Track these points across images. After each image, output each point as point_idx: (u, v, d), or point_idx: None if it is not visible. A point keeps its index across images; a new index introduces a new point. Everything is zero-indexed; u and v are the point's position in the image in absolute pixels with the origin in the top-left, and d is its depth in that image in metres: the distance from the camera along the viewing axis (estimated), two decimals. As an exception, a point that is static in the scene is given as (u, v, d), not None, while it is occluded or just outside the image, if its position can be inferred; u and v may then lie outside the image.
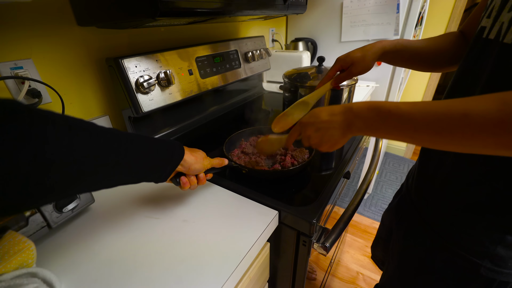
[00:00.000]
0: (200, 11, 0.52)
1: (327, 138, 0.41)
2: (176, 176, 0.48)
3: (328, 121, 0.41)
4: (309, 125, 0.44)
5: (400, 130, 0.33)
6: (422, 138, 0.32)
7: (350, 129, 0.39)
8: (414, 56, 0.58)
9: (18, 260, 0.36)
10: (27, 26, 0.55)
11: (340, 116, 0.39)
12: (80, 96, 0.68)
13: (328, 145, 0.43)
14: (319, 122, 0.42)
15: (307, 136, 0.44)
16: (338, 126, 0.40)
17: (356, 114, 0.37)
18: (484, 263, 0.40)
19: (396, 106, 0.33)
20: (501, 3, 0.34)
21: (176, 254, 0.43)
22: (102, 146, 0.32)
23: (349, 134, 0.40)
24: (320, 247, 0.51)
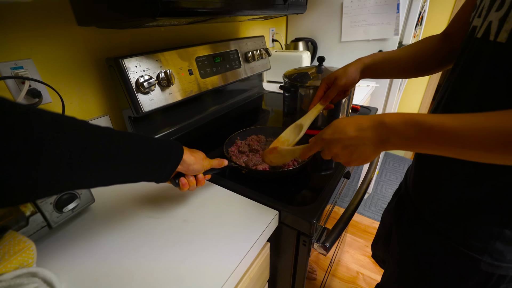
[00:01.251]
0: (200, 11, 0.52)
1: (357, 156, 0.38)
2: (175, 177, 0.48)
3: (358, 137, 0.37)
4: (335, 142, 0.40)
5: (444, 147, 0.31)
6: (470, 154, 0.30)
7: (384, 145, 0.36)
8: (395, 67, 0.59)
9: (18, 260, 0.36)
10: (27, 26, 0.55)
11: (371, 132, 0.36)
12: (80, 96, 0.68)
13: (358, 162, 0.40)
14: (346, 139, 0.38)
15: (333, 153, 0.41)
16: (369, 143, 0.37)
17: (391, 129, 0.34)
18: (484, 258, 0.40)
19: (439, 121, 0.30)
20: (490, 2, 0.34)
21: (176, 254, 0.43)
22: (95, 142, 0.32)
23: (382, 150, 0.37)
24: (320, 247, 0.51)
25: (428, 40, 0.58)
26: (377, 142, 0.36)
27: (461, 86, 0.40)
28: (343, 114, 0.86)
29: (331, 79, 0.62)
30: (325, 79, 0.63)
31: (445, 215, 0.44)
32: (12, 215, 0.40)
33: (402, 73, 0.61)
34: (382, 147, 0.37)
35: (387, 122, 0.35)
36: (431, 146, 0.32)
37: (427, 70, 0.58)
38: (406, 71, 0.60)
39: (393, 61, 0.59)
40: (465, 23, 0.49)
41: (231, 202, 0.55)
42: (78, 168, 0.30)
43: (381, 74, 0.62)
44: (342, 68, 0.61)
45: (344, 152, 0.39)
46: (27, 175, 0.26)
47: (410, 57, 0.58)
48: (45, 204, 0.43)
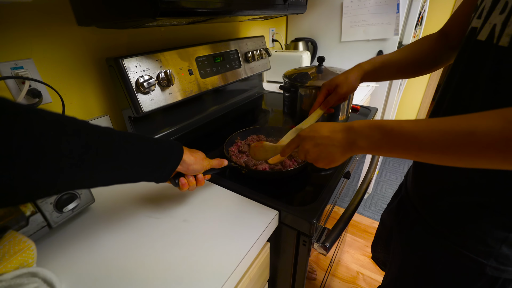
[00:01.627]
0: (200, 11, 0.52)
1: (325, 155, 0.41)
2: (175, 177, 0.48)
3: (329, 137, 0.40)
4: (308, 139, 0.42)
5: (404, 149, 0.33)
6: (428, 156, 0.31)
7: (351, 147, 0.38)
8: (394, 70, 0.61)
9: (19, 260, 0.36)
10: (27, 26, 0.55)
11: (342, 134, 0.39)
12: (80, 96, 0.68)
13: (325, 162, 0.42)
14: (319, 137, 0.41)
15: (304, 149, 0.43)
16: (338, 144, 0.39)
17: (358, 132, 0.37)
18: (490, 263, 0.39)
19: (398, 124, 0.33)
20: (492, 3, 0.34)
21: (176, 254, 0.43)
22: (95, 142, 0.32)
23: (349, 153, 0.39)
24: (320, 247, 0.51)
25: (425, 40, 0.58)
26: (345, 144, 0.38)
27: (464, 89, 0.39)
28: (343, 114, 0.86)
29: (332, 86, 0.63)
30: (326, 85, 0.64)
31: (447, 218, 0.43)
32: (12, 215, 0.40)
33: (401, 75, 0.63)
34: (349, 150, 0.38)
35: (355, 126, 0.37)
36: (393, 149, 0.34)
37: (425, 69, 0.60)
38: (404, 72, 0.61)
39: (392, 64, 0.60)
40: (463, 22, 0.49)
41: (231, 202, 0.55)
42: (78, 169, 0.31)
43: (380, 77, 0.64)
44: (343, 75, 0.62)
45: (314, 149, 0.42)
46: (28, 175, 0.27)
47: (408, 58, 0.59)
48: (45, 204, 0.43)
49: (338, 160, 0.41)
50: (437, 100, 0.47)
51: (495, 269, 0.39)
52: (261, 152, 0.58)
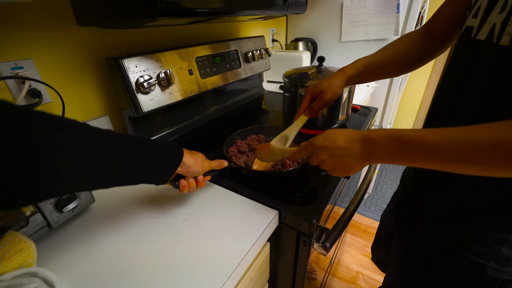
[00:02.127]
0: (200, 11, 0.52)
1: (342, 166, 0.40)
2: (175, 179, 0.48)
3: (346, 148, 0.39)
4: (324, 149, 0.41)
5: (427, 161, 0.32)
6: (453, 167, 0.30)
7: (369, 158, 0.37)
8: (378, 71, 0.61)
9: (19, 260, 0.36)
10: (27, 26, 0.55)
11: (359, 145, 0.38)
12: (80, 96, 0.68)
13: (341, 172, 0.41)
14: (335, 148, 0.40)
15: (320, 159, 0.42)
16: (355, 155, 0.38)
17: (376, 144, 0.36)
18: (490, 264, 0.39)
19: (420, 135, 0.32)
20: (489, 2, 0.34)
21: (176, 254, 0.43)
22: (96, 145, 0.32)
23: (366, 163, 0.38)
24: (320, 247, 0.51)
25: (407, 38, 0.58)
26: (363, 155, 0.38)
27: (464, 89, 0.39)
28: (343, 114, 0.86)
29: (316, 92, 0.62)
30: (310, 90, 0.64)
31: (446, 220, 0.43)
32: (12, 215, 0.40)
33: (385, 75, 0.63)
34: (367, 160, 0.38)
35: (373, 137, 0.36)
36: (415, 160, 0.33)
37: (409, 67, 0.60)
38: (389, 72, 0.61)
39: (375, 66, 0.60)
40: (448, 19, 0.49)
41: (231, 202, 0.55)
42: (78, 171, 0.31)
43: (365, 80, 0.64)
44: (326, 81, 0.61)
45: (330, 160, 0.41)
46: (28, 178, 0.26)
47: (391, 58, 0.59)
48: (45, 204, 0.43)
49: (355, 170, 0.40)
50: (434, 101, 0.46)
51: (495, 270, 0.39)
52: (269, 155, 0.57)
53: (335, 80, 0.60)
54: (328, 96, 0.60)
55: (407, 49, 0.57)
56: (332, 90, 0.60)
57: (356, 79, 0.62)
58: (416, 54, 0.56)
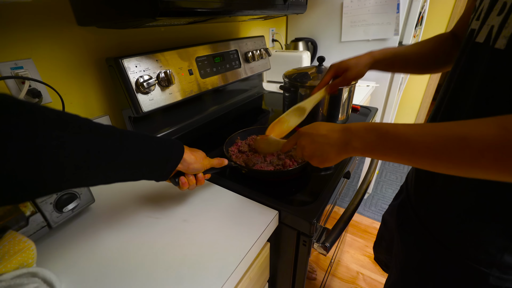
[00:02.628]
0: (200, 11, 0.52)
1: (320, 153, 0.41)
2: (175, 176, 0.48)
3: (325, 136, 0.40)
4: (307, 135, 0.43)
5: (397, 153, 0.32)
6: (420, 161, 0.30)
7: (346, 148, 0.38)
8: (405, 63, 0.60)
9: (18, 260, 0.36)
10: (27, 26, 0.55)
11: (338, 134, 0.39)
12: (80, 96, 0.68)
13: (319, 160, 0.42)
14: (316, 135, 0.41)
15: (301, 145, 0.44)
16: (333, 143, 0.39)
17: (353, 133, 0.37)
18: (493, 272, 0.38)
19: (394, 127, 0.32)
20: (490, 4, 0.33)
21: (176, 254, 0.43)
22: (97, 141, 0.32)
23: (343, 153, 0.39)
24: (320, 247, 0.51)
25: (438, 38, 0.58)
26: (340, 144, 0.38)
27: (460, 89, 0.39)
28: (343, 114, 0.86)
29: (341, 69, 0.61)
30: (335, 66, 0.62)
31: (448, 226, 0.42)
32: (12, 215, 0.40)
33: (409, 69, 0.62)
34: (344, 150, 0.38)
35: (352, 127, 0.38)
36: (386, 152, 0.33)
37: (434, 67, 0.59)
38: (414, 67, 0.61)
39: (403, 57, 0.59)
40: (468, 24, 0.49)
41: (231, 202, 0.55)
42: (80, 167, 0.31)
43: (389, 68, 0.63)
44: (354, 60, 0.60)
45: (310, 146, 0.42)
46: (31, 172, 0.27)
47: (420, 54, 0.58)
48: (45, 204, 0.43)
49: (332, 160, 0.41)
50: (437, 102, 0.47)
51: (497, 278, 0.38)
52: (264, 145, 0.58)
53: (362, 61, 0.60)
54: (353, 75, 0.60)
55: (437, 48, 0.57)
56: (357, 70, 0.59)
57: (381, 65, 0.61)
58: (443, 54, 0.56)
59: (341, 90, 0.80)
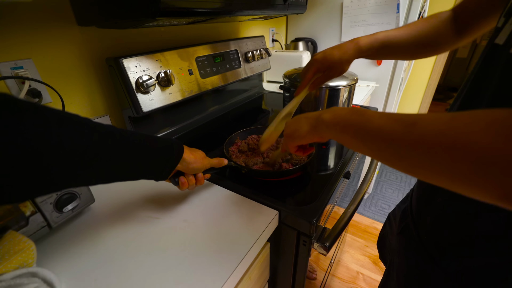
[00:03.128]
0: (200, 11, 0.52)
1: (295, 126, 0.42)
2: (174, 175, 0.48)
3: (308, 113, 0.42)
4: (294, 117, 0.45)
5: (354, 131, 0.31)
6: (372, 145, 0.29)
7: (317, 121, 0.38)
8: (394, 50, 0.56)
9: (19, 260, 0.36)
10: (27, 26, 0.55)
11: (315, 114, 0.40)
12: (80, 96, 0.68)
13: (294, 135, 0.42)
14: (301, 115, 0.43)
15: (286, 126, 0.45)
16: (310, 116, 0.40)
17: (330, 109, 0.37)
18: None
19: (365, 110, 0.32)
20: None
21: (176, 254, 0.43)
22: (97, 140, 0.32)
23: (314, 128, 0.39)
24: (320, 247, 0.51)
25: (434, 19, 0.54)
26: (314, 117, 0.39)
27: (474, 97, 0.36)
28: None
29: (325, 66, 0.57)
30: (317, 62, 0.57)
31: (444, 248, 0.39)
32: (12, 215, 0.40)
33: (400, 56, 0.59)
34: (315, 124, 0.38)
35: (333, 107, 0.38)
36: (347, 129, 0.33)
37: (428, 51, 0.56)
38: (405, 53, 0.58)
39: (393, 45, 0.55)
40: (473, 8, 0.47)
41: (231, 202, 0.55)
42: (80, 166, 0.31)
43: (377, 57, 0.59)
44: (337, 55, 0.56)
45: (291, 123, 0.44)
46: (30, 172, 0.27)
47: (413, 38, 0.54)
48: (45, 204, 0.43)
49: (302, 135, 0.41)
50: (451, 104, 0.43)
51: None
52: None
53: (347, 55, 0.56)
54: (336, 74, 0.58)
55: (433, 30, 0.53)
56: (341, 68, 0.57)
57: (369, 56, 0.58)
58: (440, 37, 0.53)
59: (338, 90, 0.80)
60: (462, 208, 0.36)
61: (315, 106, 0.83)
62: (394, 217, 0.62)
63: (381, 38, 0.55)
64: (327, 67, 0.57)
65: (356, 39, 0.56)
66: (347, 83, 0.80)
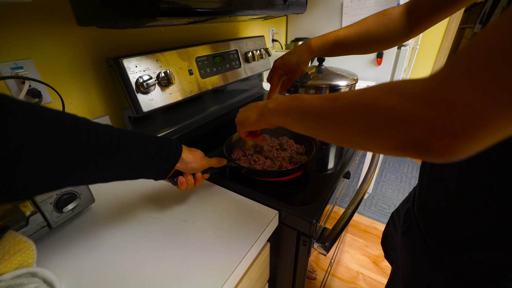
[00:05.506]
0: (200, 11, 0.52)
1: (244, 114, 0.46)
2: (173, 175, 0.48)
3: (258, 102, 0.46)
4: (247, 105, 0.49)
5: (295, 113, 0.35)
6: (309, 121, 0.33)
7: (263, 109, 0.42)
8: (347, 48, 0.61)
9: (19, 260, 0.36)
10: (27, 26, 0.55)
11: (263, 102, 0.44)
12: (80, 96, 0.68)
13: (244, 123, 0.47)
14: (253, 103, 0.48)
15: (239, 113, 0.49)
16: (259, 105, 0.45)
17: (276, 98, 0.41)
18: None
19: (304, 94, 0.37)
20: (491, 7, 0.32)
21: (176, 254, 0.43)
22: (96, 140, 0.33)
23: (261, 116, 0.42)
24: (320, 246, 0.51)
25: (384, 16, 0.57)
26: (262, 106, 0.43)
27: None
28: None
29: (285, 71, 0.65)
30: (278, 68, 0.65)
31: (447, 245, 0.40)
32: (12, 215, 0.40)
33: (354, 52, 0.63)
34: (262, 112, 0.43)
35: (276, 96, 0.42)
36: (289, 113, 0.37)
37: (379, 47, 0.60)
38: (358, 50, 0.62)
39: (344, 44, 0.60)
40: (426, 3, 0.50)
41: (231, 202, 0.55)
42: (78, 165, 0.31)
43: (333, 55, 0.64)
44: (294, 59, 0.63)
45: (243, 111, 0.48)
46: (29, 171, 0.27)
47: (364, 36, 0.58)
48: (45, 204, 0.43)
49: (251, 122, 0.45)
50: None
51: None
52: None
53: (302, 59, 0.62)
54: (297, 76, 0.65)
55: (382, 27, 0.57)
56: (300, 70, 0.64)
57: (323, 55, 0.64)
58: (391, 33, 0.56)
59: (338, 90, 0.80)
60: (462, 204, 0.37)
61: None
62: (398, 217, 0.62)
63: (331, 39, 0.60)
64: (288, 71, 0.64)
65: (308, 41, 0.62)
66: (347, 83, 0.80)
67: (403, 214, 0.57)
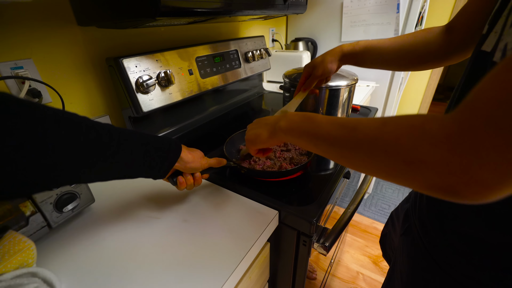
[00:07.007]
0: (200, 11, 0.52)
1: (255, 132, 0.45)
2: (172, 175, 0.48)
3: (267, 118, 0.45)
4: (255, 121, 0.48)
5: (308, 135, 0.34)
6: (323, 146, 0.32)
7: (274, 127, 0.41)
8: (378, 57, 0.58)
9: (18, 260, 0.36)
10: (27, 26, 0.55)
11: (273, 120, 0.42)
12: (80, 95, 0.68)
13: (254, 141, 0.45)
14: (261, 119, 0.46)
15: (248, 129, 0.48)
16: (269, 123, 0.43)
17: (286, 116, 0.40)
18: None
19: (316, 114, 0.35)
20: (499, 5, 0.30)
21: (176, 254, 0.43)
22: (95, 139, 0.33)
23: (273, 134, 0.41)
24: (320, 246, 0.51)
25: (424, 32, 0.54)
26: (272, 123, 0.42)
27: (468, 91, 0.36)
28: (343, 114, 0.86)
29: (311, 68, 0.64)
30: (306, 67, 0.66)
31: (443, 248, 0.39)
32: (12, 215, 0.40)
33: (386, 65, 0.60)
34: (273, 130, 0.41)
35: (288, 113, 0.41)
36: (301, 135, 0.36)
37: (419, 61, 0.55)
38: (390, 63, 0.59)
39: (376, 51, 0.57)
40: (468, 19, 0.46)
41: (231, 202, 0.55)
42: (77, 164, 0.31)
43: (362, 63, 0.62)
44: (320, 57, 0.63)
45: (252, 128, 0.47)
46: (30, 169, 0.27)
47: (395, 49, 0.56)
48: (45, 204, 0.43)
49: (262, 140, 0.43)
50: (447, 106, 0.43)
51: None
52: None
53: (328, 57, 0.62)
54: (319, 72, 0.63)
55: (420, 39, 0.53)
56: (323, 66, 0.62)
57: (352, 58, 0.61)
58: (429, 46, 0.52)
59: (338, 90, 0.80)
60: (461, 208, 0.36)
61: (315, 106, 0.83)
62: (397, 217, 0.62)
63: (363, 44, 0.59)
64: (312, 68, 0.64)
65: (341, 44, 0.62)
66: (347, 83, 0.80)
67: (402, 214, 0.57)
